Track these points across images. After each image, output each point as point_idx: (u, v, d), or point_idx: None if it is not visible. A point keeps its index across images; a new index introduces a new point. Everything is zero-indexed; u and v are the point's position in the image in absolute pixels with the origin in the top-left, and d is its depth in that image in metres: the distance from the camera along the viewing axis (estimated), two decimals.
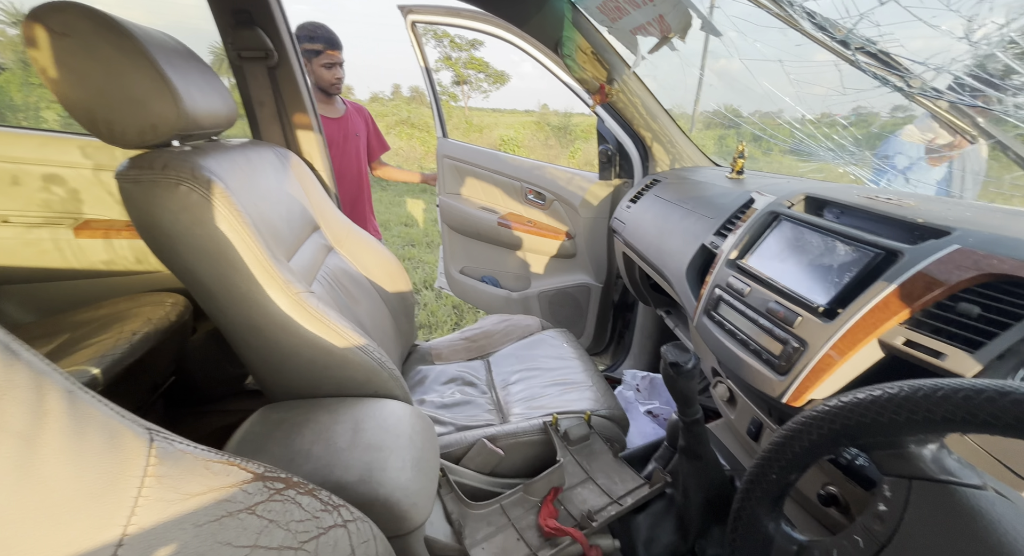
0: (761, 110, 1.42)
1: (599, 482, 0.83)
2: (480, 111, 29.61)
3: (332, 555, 0.39)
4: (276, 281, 0.71)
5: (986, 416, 0.29)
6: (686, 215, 1.15)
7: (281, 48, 1.06)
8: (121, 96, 0.66)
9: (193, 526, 0.33)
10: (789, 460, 0.41)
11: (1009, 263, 0.52)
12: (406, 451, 0.66)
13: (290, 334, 0.72)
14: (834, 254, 0.70)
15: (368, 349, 0.78)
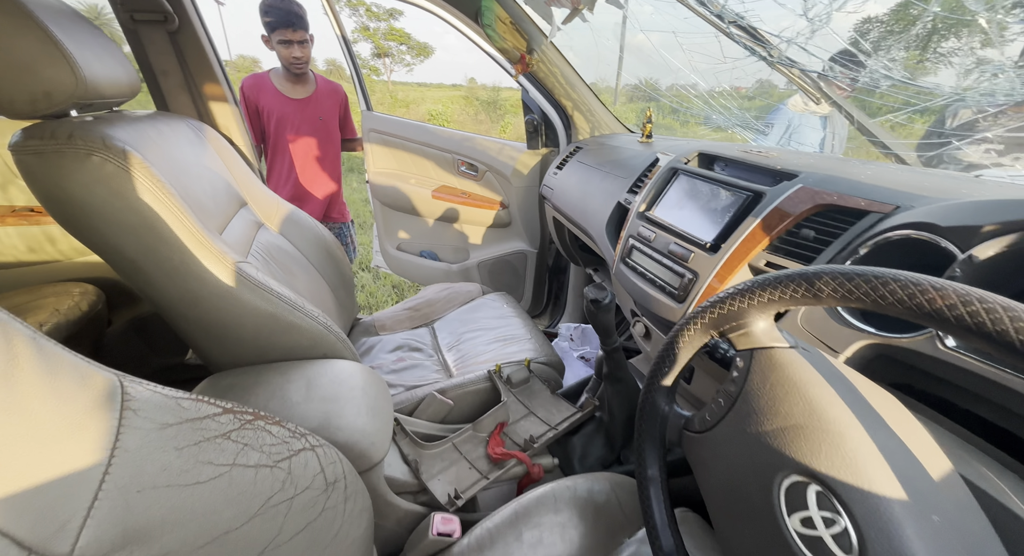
0: (678, 84, 1.52)
1: (539, 415, 0.95)
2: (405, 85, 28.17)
3: (304, 472, 0.45)
4: (211, 251, 0.71)
5: (791, 293, 0.40)
6: (604, 177, 1.27)
7: (181, 10, 0.99)
8: (6, 61, 0.61)
9: (175, 449, 0.37)
10: (676, 355, 0.53)
11: (834, 196, 0.68)
12: (360, 401, 0.72)
13: (231, 303, 0.73)
14: (719, 199, 0.84)
15: (313, 314, 0.81)
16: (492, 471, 0.79)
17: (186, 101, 1.08)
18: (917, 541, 0.33)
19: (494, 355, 1.18)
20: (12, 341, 0.31)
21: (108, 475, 0.33)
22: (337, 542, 0.47)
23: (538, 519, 0.67)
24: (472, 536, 0.66)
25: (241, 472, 0.40)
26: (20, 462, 0.29)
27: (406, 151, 1.92)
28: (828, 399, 0.40)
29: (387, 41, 22.40)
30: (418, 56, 23.62)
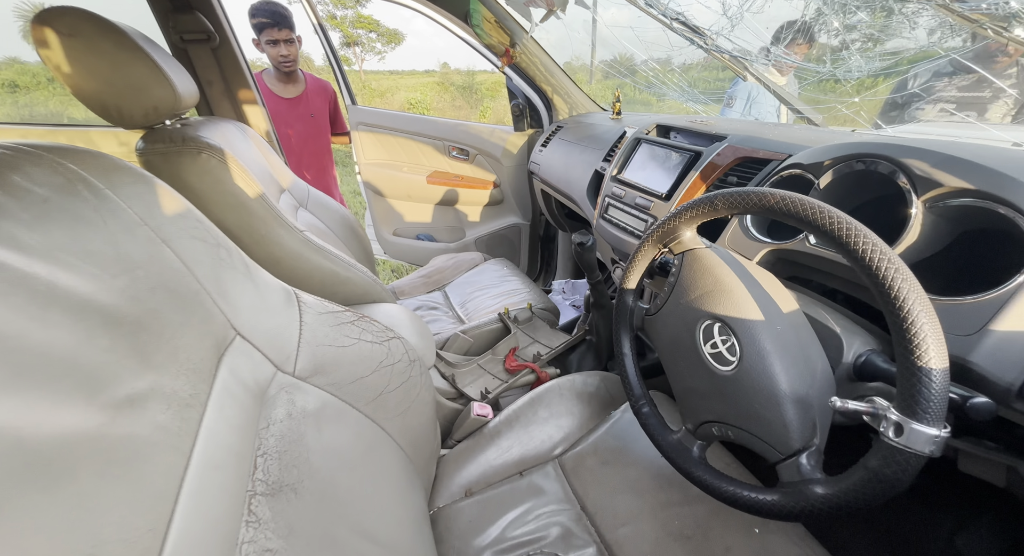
0: (653, 57, 1.66)
1: (542, 342, 1.19)
2: (377, 74, 27.57)
3: (396, 351, 0.68)
4: (284, 223, 0.93)
5: (702, 209, 0.64)
6: (583, 150, 1.50)
7: (220, 30, 1.18)
8: (125, 84, 0.81)
9: (328, 326, 0.60)
10: (636, 265, 0.77)
11: (748, 150, 0.92)
12: (409, 327, 0.95)
13: (303, 262, 0.95)
14: (671, 160, 1.08)
15: (361, 269, 1.04)
16: (510, 378, 1.04)
17: (227, 106, 1.27)
18: (767, 341, 0.58)
19: (500, 305, 1.42)
20: (244, 260, 0.54)
21: (302, 333, 0.56)
22: (419, 401, 0.71)
23: (548, 401, 0.93)
24: (501, 416, 0.91)
25: (363, 344, 0.64)
26: (269, 322, 0.52)
27: (396, 140, 2.09)
28: (726, 273, 0.64)
29: (355, 29, 21.88)
30: (388, 43, 23.14)
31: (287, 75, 1.82)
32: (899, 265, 0.45)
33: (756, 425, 0.59)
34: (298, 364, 0.54)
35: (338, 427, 0.55)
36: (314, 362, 0.56)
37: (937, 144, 0.63)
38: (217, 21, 1.17)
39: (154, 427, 0.34)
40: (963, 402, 0.48)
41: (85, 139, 1.30)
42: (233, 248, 0.54)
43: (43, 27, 0.75)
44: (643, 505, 0.75)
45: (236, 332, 0.49)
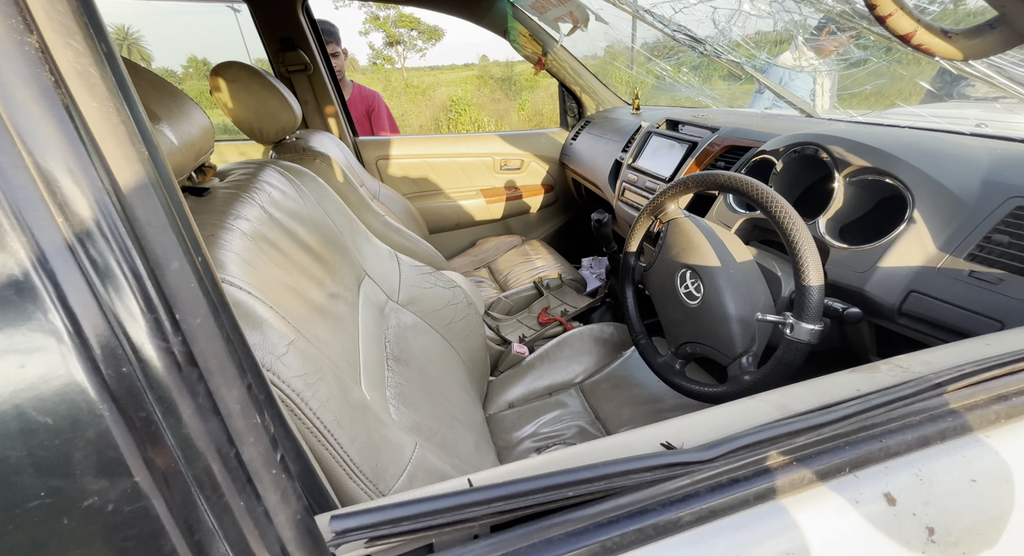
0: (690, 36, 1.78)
1: (569, 303, 1.45)
2: (418, 71, 28.17)
3: (458, 295, 0.97)
4: (371, 208, 1.25)
5: (680, 188, 0.88)
6: (606, 143, 1.73)
7: (315, 61, 1.51)
8: (266, 112, 1.15)
9: (418, 275, 0.90)
10: (636, 232, 1.01)
11: (733, 139, 1.13)
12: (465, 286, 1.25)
13: (386, 239, 1.27)
14: (675, 149, 1.30)
15: (425, 243, 1.34)
16: (542, 329, 1.31)
17: (318, 120, 1.62)
18: (722, 280, 0.81)
19: (536, 277, 1.69)
20: (364, 229, 0.85)
21: (401, 278, 0.86)
22: (475, 332, 1.00)
23: (572, 343, 1.19)
24: (535, 354, 1.19)
25: (438, 289, 0.93)
26: (382, 268, 0.82)
27: (431, 167, 2.00)
28: (697, 235, 0.88)
29: (397, 28, 22.59)
30: (429, 40, 23.72)
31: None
32: (797, 220, 0.68)
33: (714, 340, 0.83)
34: (400, 296, 0.84)
35: (426, 337, 0.85)
36: (409, 296, 0.86)
37: (851, 133, 0.83)
38: (312, 54, 1.51)
39: (344, 310, 0.64)
40: (843, 311, 0.70)
41: (217, 151, 1.70)
42: (358, 221, 0.84)
43: (217, 77, 1.09)
44: (641, 412, 1.00)
45: (365, 272, 0.79)
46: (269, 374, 0.33)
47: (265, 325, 0.35)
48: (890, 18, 0.52)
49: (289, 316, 0.42)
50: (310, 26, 1.49)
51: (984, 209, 0.69)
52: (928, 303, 0.70)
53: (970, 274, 0.67)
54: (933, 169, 0.74)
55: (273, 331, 0.36)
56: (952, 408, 0.36)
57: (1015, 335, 0.46)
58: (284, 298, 0.45)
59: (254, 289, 0.40)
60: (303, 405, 0.34)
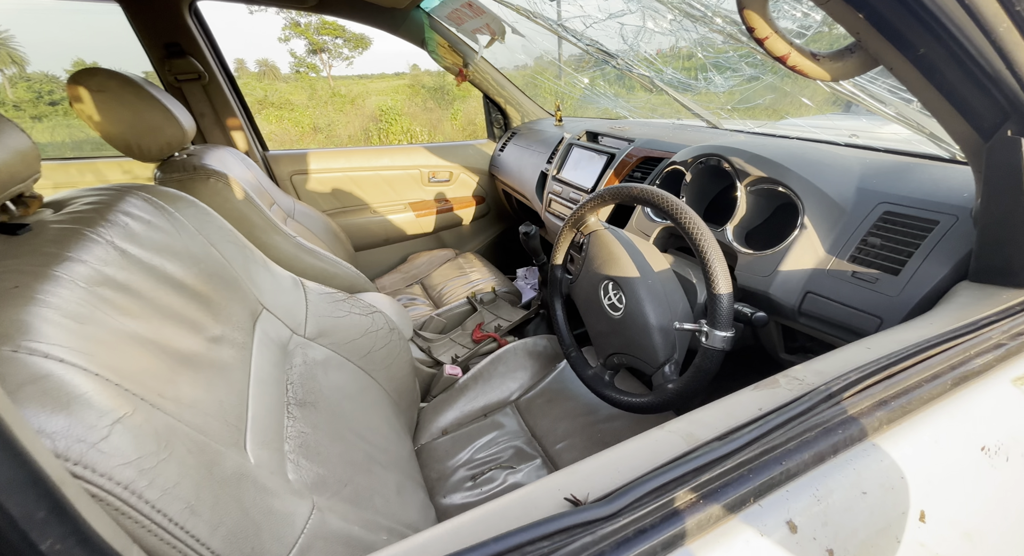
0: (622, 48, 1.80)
1: (504, 317, 1.43)
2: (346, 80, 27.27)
3: (377, 322, 0.91)
4: (279, 230, 1.14)
5: (598, 201, 0.88)
6: (532, 154, 1.73)
7: (209, 69, 1.37)
8: (144, 127, 1.01)
9: (326, 303, 0.82)
10: (560, 244, 1.00)
11: (647, 150, 1.17)
12: (389, 309, 1.18)
13: (298, 262, 1.17)
14: (595, 160, 1.32)
15: (345, 264, 1.25)
16: (476, 346, 1.27)
17: (218, 133, 1.47)
18: (642, 291, 0.82)
19: (470, 291, 1.65)
20: (262, 256, 0.76)
21: (308, 308, 0.78)
22: (399, 359, 0.93)
23: (506, 360, 1.16)
24: (468, 374, 1.14)
25: (353, 316, 0.86)
26: (284, 299, 0.74)
27: (352, 182, 1.88)
28: (616, 246, 0.89)
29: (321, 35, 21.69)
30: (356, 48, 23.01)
31: None
32: (704, 231, 0.70)
33: (638, 350, 0.83)
34: (307, 329, 0.76)
35: (339, 373, 0.77)
36: (319, 327, 0.78)
37: (748, 144, 0.89)
38: (206, 62, 1.36)
39: (229, 355, 0.56)
40: (751, 316, 0.73)
41: (94, 170, 1.48)
42: (254, 248, 0.75)
43: (77, 86, 0.94)
44: (576, 426, 0.99)
45: (263, 306, 0.70)
46: (77, 468, 0.26)
47: (77, 404, 0.28)
48: (767, 40, 0.55)
49: (130, 381, 0.35)
50: (201, 31, 1.35)
51: (859, 214, 0.76)
52: (822, 303, 0.75)
53: (852, 274, 0.73)
54: (816, 178, 0.81)
55: (89, 410, 0.28)
56: (842, 419, 0.36)
57: (889, 336, 0.49)
58: (129, 357, 0.37)
59: (76, 354, 0.32)
60: (134, 500, 0.27)
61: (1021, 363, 0.46)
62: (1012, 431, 0.42)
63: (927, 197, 0.71)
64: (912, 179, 0.76)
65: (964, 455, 0.39)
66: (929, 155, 0.87)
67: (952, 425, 0.39)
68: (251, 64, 27.55)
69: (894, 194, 0.74)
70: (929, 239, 0.67)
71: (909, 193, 0.73)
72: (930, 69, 0.52)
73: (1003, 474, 0.40)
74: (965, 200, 0.67)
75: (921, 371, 0.42)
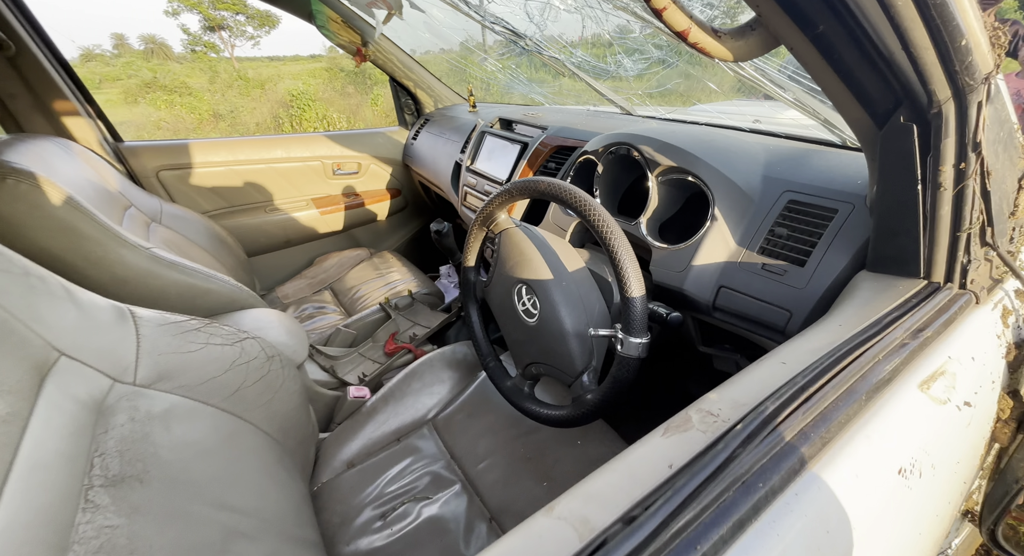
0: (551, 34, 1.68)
1: (422, 324, 1.31)
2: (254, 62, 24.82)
3: (250, 350, 0.75)
4: (124, 241, 0.92)
5: (505, 197, 0.79)
6: (446, 143, 1.60)
7: (16, 37, 1.07)
8: None
9: (171, 336, 0.65)
10: (471, 245, 0.90)
11: (561, 139, 1.10)
12: (277, 328, 1.01)
13: (154, 279, 0.95)
14: (508, 150, 1.23)
15: (223, 278, 1.05)
16: (389, 360, 1.14)
17: (41, 120, 1.17)
18: (556, 294, 0.74)
19: (389, 293, 1.51)
20: (63, 284, 0.57)
21: (140, 345, 0.61)
22: (283, 391, 0.78)
23: (421, 374, 1.05)
24: (378, 394, 1.02)
25: (212, 348, 0.69)
26: (100, 339, 0.57)
27: (242, 176, 1.64)
28: (528, 246, 0.80)
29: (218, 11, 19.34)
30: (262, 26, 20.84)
31: None
32: (615, 230, 0.63)
33: (554, 358, 0.76)
34: (139, 374, 0.59)
35: (190, 424, 0.62)
36: (157, 370, 0.62)
37: (658, 131, 0.84)
38: (10, 28, 1.07)
39: None
40: (666, 317, 0.69)
41: None
42: (47, 274, 0.57)
43: None
44: (498, 442, 0.91)
45: (60, 352, 0.53)
46: None
47: None
48: (665, 12, 0.48)
49: None
50: None
51: (766, 204, 0.74)
52: (735, 297, 0.73)
53: (763, 267, 0.70)
54: (725, 166, 0.77)
55: None
56: (762, 466, 0.30)
57: (801, 344, 0.45)
58: None
59: None
60: None
61: (924, 364, 0.44)
62: (922, 443, 0.39)
63: (826, 185, 0.70)
64: (812, 166, 0.75)
65: (884, 483, 0.35)
66: (824, 141, 0.87)
67: (869, 451, 0.35)
68: (134, 41, 24.00)
69: (797, 182, 0.73)
70: (830, 228, 0.66)
71: (810, 181, 0.72)
72: (828, 49, 0.48)
73: (917, 493, 0.37)
74: (860, 188, 0.67)
75: (836, 387, 0.37)
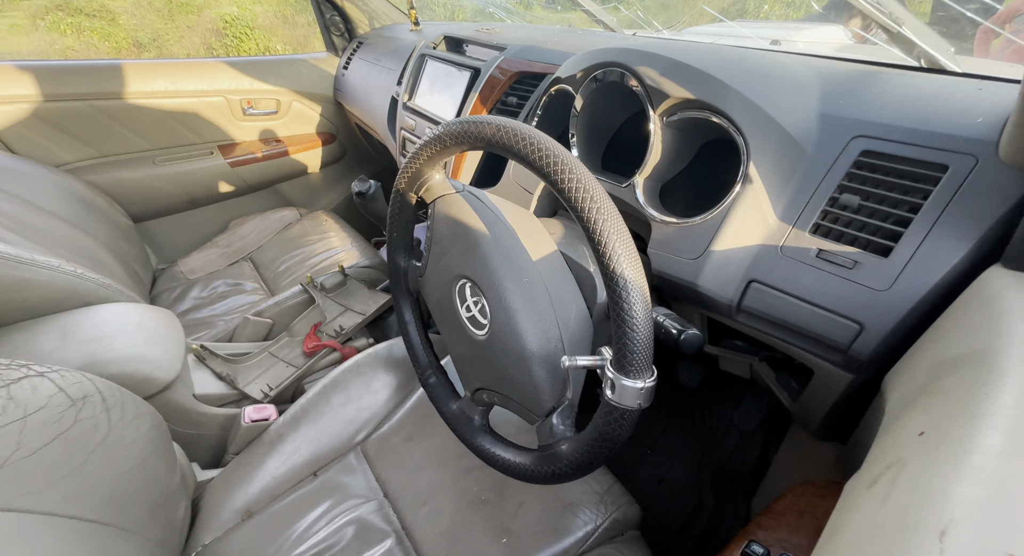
0: None
1: (356, 309, 1.05)
2: None
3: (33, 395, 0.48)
4: None
5: (435, 147, 0.51)
6: (380, 72, 1.25)
7: None
8: None
9: None
10: (397, 221, 0.63)
11: (524, 63, 0.79)
12: (135, 334, 0.73)
13: None
14: (454, 79, 0.91)
15: (51, 265, 0.74)
16: (307, 362, 0.89)
17: None
18: (513, 297, 0.49)
19: (315, 270, 1.22)
20: None
21: None
22: (109, 445, 0.53)
23: (344, 384, 0.81)
24: (286, 415, 0.77)
25: None
26: None
27: (103, 113, 1.25)
28: (474, 222, 0.54)
29: None
30: None
31: None
32: (608, 213, 0.38)
33: (512, 389, 0.53)
34: None
35: None
36: None
37: (670, 49, 0.56)
38: None
39: None
40: (679, 338, 0.46)
41: None
42: None
43: None
44: (445, 476, 0.70)
45: None
46: None
47: None
48: None
49: None
50: None
51: (825, 157, 0.49)
52: (772, 297, 0.50)
53: (818, 255, 0.47)
54: (766, 99, 0.51)
55: None
56: None
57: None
58: None
59: None
60: None
61: None
62: None
63: (922, 126, 0.46)
64: (894, 97, 0.50)
65: None
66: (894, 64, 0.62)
67: None
68: None
69: (873, 123, 0.48)
70: (935, 196, 0.42)
71: (895, 119, 0.47)
72: None
73: None
74: (983, 129, 0.43)
75: None
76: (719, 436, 1.06)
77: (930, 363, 0.35)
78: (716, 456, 1.04)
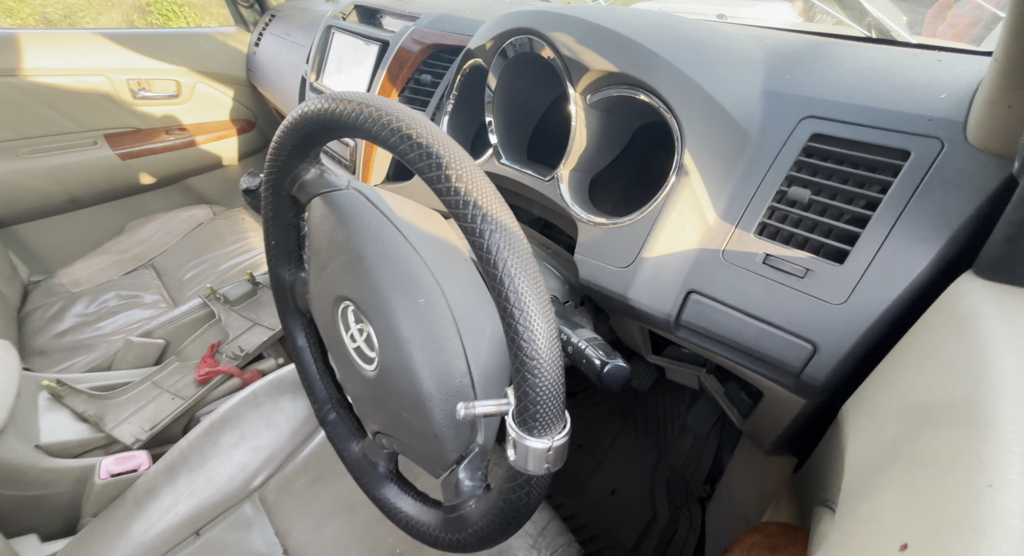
0: None
1: (266, 324, 0.91)
2: None
3: None
4: None
5: (302, 135, 0.39)
6: (291, 49, 1.09)
7: None
8: None
9: None
10: (272, 226, 0.51)
11: (438, 35, 0.68)
12: None
13: None
14: (362, 53, 0.78)
15: None
16: (197, 393, 0.76)
17: None
18: (405, 325, 0.39)
19: (224, 278, 1.06)
20: None
21: None
22: None
23: (237, 420, 0.68)
24: (160, 463, 0.64)
25: None
26: None
27: None
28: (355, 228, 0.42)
29: None
30: None
31: None
32: (502, 225, 0.28)
33: (410, 436, 0.43)
34: None
35: None
36: None
37: (591, 11, 0.46)
38: None
39: None
40: (601, 371, 0.37)
41: None
42: None
43: None
44: (355, 526, 0.59)
45: None
46: None
47: None
48: None
49: None
50: None
51: (771, 142, 0.41)
52: (714, 311, 0.42)
53: (765, 261, 0.40)
54: (700, 73, 0.43)
55: None
56: None
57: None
58: None
59: None
60: None
61: None
62: None
63: (878, 104, 0.38)
64: (844, 72, 0.43)
65: None
66: (841, 35, 0.55)
67: None
68: None
69: (824, 100, 0.41)
70: (896, 189, 0.35)
71: (847, 98, 0.40)
72: None
73: None
74: (948, 106, 0.36)
75: None
76: (673, 438, 1.01)
77: (899, 406, 0.28)
78: (671, 459, 0.99)
